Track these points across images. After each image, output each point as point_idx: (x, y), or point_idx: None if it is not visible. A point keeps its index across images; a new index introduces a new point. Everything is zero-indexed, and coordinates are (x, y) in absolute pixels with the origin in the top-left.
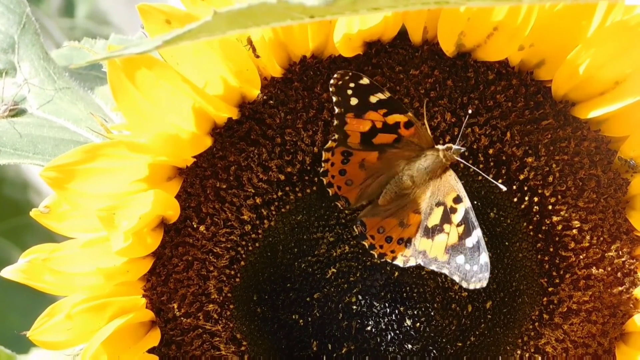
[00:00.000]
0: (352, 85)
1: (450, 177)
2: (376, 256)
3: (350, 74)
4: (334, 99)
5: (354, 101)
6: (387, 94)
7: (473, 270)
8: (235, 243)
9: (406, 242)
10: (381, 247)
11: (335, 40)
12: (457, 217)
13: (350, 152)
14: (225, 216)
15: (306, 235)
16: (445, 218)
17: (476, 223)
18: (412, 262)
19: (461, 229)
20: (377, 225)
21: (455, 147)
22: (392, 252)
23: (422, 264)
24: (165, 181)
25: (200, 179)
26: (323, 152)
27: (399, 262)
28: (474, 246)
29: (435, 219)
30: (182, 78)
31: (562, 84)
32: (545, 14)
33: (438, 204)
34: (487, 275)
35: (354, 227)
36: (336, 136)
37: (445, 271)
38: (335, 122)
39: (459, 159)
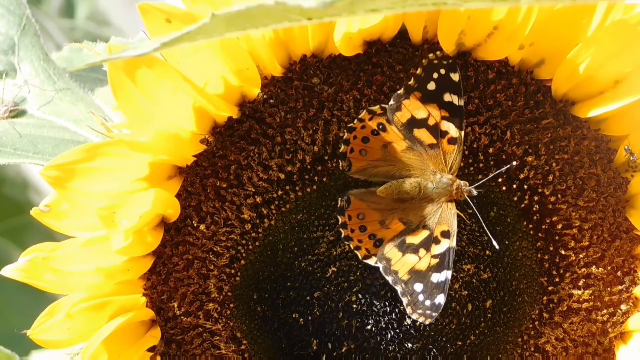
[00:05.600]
0: (442, 71)
1: (451, 210)
2: (342, 235)
3: (450, 61)
4: (418, 70)
5: (431, 86)
6: (462, 102)
7: (425, 304)
8: (235, 242)
9: (377, 240)
10: (352, 231)
11: (336, 39)
12: (436, 250)
13: (385, 127)
14: (226, 215)
15: (306, 234)
16: (425, 244)
17: (451, 265)
18: (371, 261)
19: (435, 261)
20: (360, 209)
21: (470, 188)
22: (360, 241)
23: (380, 268)
24: (166, 180)
25: (201, 177)
26: (365, 111)
27: (359, 253)
28: (438, 283)
29: (415, 239)
30: (182, 77)
31: (562, 83)
32: (546, 13)
33: (425, 227)
34: (435, 315)
35: (339, 199)
36: (390, 103)
37: (398, 288)
38: (402, 90)
39: (467, 198)
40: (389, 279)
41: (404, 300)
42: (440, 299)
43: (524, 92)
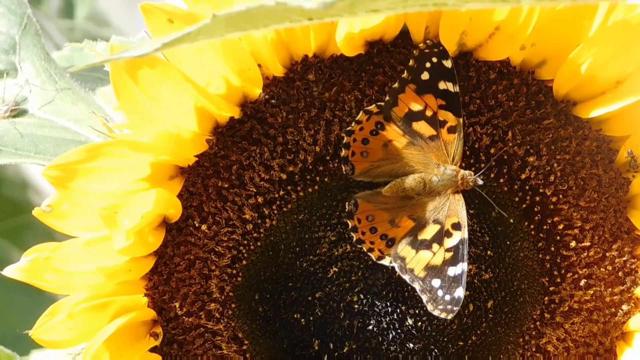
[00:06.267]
0: (434, 60)
1: (458, 202)
2: (354, 239)
3: (441, 48)
4: (411, 62)
5: (425, 76)
6: (457, 89)
7: (445, 299)
8: (237, 242)
9: (389, 240)
10: (363, 233)
11: (338, 39)
12: (449, 243)
13: (384, 126)
14: (227, 215)
15: (308, 234)
16: (438, 238)
17: (466, 257)
18: (385, 262)
19: (449, 255)
20: (368, 212)
21: (475, 177)
22: (372, 243)
23: (396, 268)
24: (167, 180)
25: (202, 178)
26: (361, 112)
27: (373, 255)
28: (455, 277)
29: (427, 234)
30: (184, 77)
31: (564, 83)
32: (547, 14)
33: (435, 222)
34: (456, 309)
35: (346, 203)
36: (387, 99)
37: (416, 286)
38: (396, 85)
39: (476, 187)
40: (406, 277)
41: (424, 298)
42: (460, 292)
43: (526, 93)
